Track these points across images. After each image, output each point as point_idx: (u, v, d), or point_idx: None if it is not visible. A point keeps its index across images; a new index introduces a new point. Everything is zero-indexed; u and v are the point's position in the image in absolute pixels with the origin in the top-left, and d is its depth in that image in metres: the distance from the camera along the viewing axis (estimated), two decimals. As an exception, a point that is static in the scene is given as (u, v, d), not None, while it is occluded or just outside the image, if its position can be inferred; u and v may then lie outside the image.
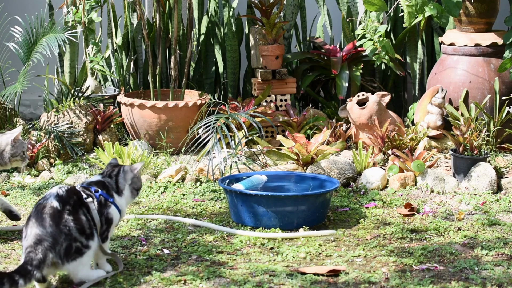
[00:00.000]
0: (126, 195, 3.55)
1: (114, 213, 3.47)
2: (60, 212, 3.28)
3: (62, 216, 3.27)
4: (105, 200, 3.45)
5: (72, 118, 5.49)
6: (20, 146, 3.92)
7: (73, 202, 3.33)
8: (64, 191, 3.35)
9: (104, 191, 3.47)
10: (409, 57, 6.24)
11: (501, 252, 3.73)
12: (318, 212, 4.12)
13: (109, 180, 3.54)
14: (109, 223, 3.45)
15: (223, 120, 4.98)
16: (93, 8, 5.96)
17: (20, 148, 3.92)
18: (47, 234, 3.23)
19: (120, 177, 3.55)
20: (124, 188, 3.55)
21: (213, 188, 4.77)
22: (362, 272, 3.50)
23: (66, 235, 3.25)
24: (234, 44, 6.17)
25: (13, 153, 3.89)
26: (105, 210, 3.43)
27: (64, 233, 3.25)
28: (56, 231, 3.24)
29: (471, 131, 4.87)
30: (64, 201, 3.31)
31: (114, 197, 3.50)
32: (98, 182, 3.51)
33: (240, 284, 3.36)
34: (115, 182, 3.54)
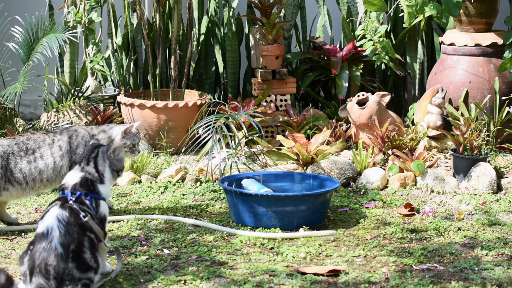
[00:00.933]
0: (107, 177, 3.48)
1: (104, 208, 3.43)
2: (65, 261, 3.20)
3: (66, 267, 3.19)
4: (95, 200, 3.40)
5: (72, 118, 5.49)
6: (131, 138, 4.13)
7: (76, 237, 3.25)
8: (65, 230, 3.24)
9: (91, 189, 3.41)
10: (409, 57, 6.24)
11: (501, 252, 3.73)
12: (318, 212, 4.12)
13: (89, 169, 3.45)
14: (103, 220, 3.42)
15: (223, 120, 4.98)
16: (93, 8, 5.96)
17: (130, 140, 4.12)
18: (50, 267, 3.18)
19: (99, 159, 3.48)
20: (104, 171, 3.47)
21: (213, 188, 4.77)
22: (362, 272, 3.50)
23: (70, 280, 3.19)
24: (234, 44, 6.17)
25: (122, 144, 4.06)
26: (98, 212, 3.39)
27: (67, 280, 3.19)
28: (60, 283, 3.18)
29: (471, 131, 4.87)
30: (68, 244, 3.22)
31: (100, 190, 3.43)
32: (82, 182, 3.42)
33: (240, 284, 3.36)
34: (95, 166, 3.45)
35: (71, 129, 4.19)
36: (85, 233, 3.28)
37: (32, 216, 4.32)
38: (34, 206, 4.48)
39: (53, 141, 4.11)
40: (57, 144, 4.11)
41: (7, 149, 4.03)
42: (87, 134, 4.18)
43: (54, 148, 4.09)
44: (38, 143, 4.09)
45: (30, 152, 4.06)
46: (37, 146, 4.08)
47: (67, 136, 4.14)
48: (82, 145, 4.14)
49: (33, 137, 4.11)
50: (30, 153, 4.06)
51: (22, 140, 4.08)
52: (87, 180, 3.43)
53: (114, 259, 3.62)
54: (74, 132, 4.17)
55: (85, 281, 3.21)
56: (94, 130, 4.22)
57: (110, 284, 3.36)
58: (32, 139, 4.10)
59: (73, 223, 3.27)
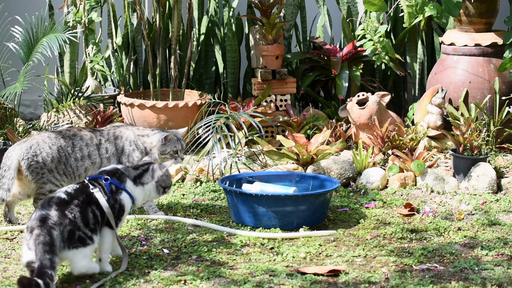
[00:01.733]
0: (147, 188, 3.61)
1: (125, 200, 3.52)
2: (67, 202, 3.36)
3: (68, 205, 3.35)
4: (116, 187, 3.50)
5: (72, 118, 5.49)
6: (171, 145, 4.13)
7: (82, 199, 3.39)
8: (73, 190, 3.42)
9: (115, 178, 3.52)
10: (409, 57, 6.24)
11: (501, 252, 3.73)
12: (318, 212, 4.12)
13: (130, 170, 3.60)
14: (121, 209, 3.50)
15: (223, 120, 4.98)
16: (93, 8, 5.96)
17: (170, 147, 4.12)
18: (51, 215, 3.29)
19: (147, 174, 3.62)
20: (147, 183, 3.61)
21: (213, 188, 4.77)
22: (362, 272, 3.50)
23: (70, 221, 3.31)
24: (234, 44, 6.17)
25: (162, 150, 4.10)
26: (117, 196, 3.49)
27: (69, 218, 3.32)
28: (61, 214, 3.30)
29: (471, 131, 4.87)
30: (72, 197, 3.39)
31: (127, 184, 3.54)
32: (110, 170, 3.57)
33: (240, 284, 3.36)
34: (139, 175, 3.60)
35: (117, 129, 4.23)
36: (91, 205, 3.40)
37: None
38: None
39: (100, 142, 4.17)
40: (104, 146, 4.17)
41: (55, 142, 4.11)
42: (132, 135, 4.22)
43: (101, 150, 4.15)
44: (85, 141, 4.15)
45: (77, 149, 4.13)
46: (85, 144, 4.15)
47: (113, 137, 4.19)
48: (127, 145, 4.19)
49: (80, 134, 4.17)
50: (77, 150, 4.13)
51: (69, 135, 4.15)
52: (117, 170, 3.57)
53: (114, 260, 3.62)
54: (120, 133, 4.21)
55: (81, 234, 3.33)
56: (140, 131, 4.25)
57: (110, 284, 3.36)
58: (78, 136, 4.16)
59: (80, 191, 3.42)
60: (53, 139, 4.10)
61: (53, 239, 3.24)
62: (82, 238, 3.33)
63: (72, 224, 3.31)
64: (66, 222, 3.29)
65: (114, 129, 4.22)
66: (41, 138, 4.09)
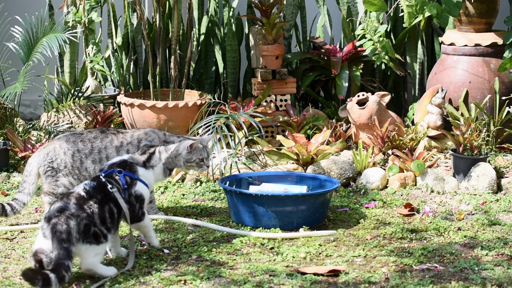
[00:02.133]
0: (156, 171, 3.72)
1: (141, 188, 3.61)
2: (86, 199, 3.42)
3: (87, 201, 3.41)
4: (131, 179, 3.58)
5: (72, 118, 5.49)
6: (197, 153, 4.04)
7: (100, 197, 3.45)
8: (91, 187, 3.47)
9: (127, 169, 3.60)
10: (409, 57, 6.24)
11: (501, 252, 3.73)
12: (318, 212, 4.12)
13: (137, 157, 3.69)
14: (140, 199, 3.59)
15: (223, 120, 4.98)
16: (93, 8, 5.96)
17: (196, 155, 4.02)
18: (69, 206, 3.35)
19: (155, 156, 3.73)
20: (156, 166, 3.72)
21: (213, 188, 4.77)
22: (362, 272, 3.50)
23: (88, 215, 3.37)
24: (234, 44, 6.17)
25: (188, 158, 4.00)
26: (133, 189, 3.57)
27: (86, 212, 3.37)
28: (79, 207, 3.36)
29: (471, 131, 4.87)
30: (91, 195, 3.45)
31: (138, 172, 3.63)
32: (119, 162, 3.63)
33: (240, 284, 3.36)
34: (148, 159, 3.70)
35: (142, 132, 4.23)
36: (108, 202, 3.47)
37: (32, 216, 4.32)
38: (34, 206, 4.48)
39: (121, 144, 4.17)
40: (126, 148, 4.17)
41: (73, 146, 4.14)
42: (158, 140, 4.21)
43: (121, 152, 4.16)
44: (105, 143, 4.16)
45: (95, 152, 4.15)
46: (104, 146, 4.15)
47: (137, 140, 4.19)
48: None
49: (100, 136, 4.19)
50: (95, 153, 4.15)
51: (89, 138, 4.17)
52: (126, 161, 3.65)
53: (114, 260, 3.62)
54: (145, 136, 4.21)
55: (97, 231, 3.38)
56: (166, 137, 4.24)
57: (110, 284, 3.36)
58: (99, 138, 4.18)
59: (98, 189, 3.48)
60: (70, 144, 4.14)
61: (70, 228, 3.29)
62: (97, 234, 3.37)
63: (89, 218, 3.36)
64: (83, 216, 3.35)
65: (140, 132, 4.22)
66: (58, 144, 4.14)
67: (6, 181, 4.93)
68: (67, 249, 3.24)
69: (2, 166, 5.08)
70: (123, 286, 3.34)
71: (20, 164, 5.14)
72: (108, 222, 3.43)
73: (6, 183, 4.90)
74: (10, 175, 5.01)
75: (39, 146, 5.17)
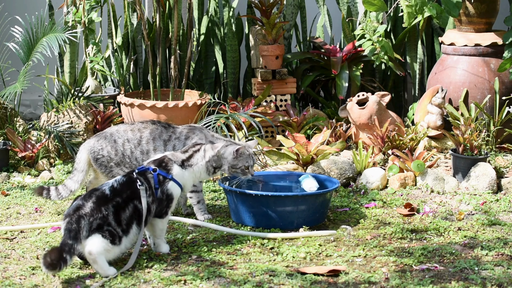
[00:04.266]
0: (196, 169, 3.74)
1: (173, 188, 3.64)
2: (108, 199, 3.46)
3: (107, 202, 3.45)
4: (163, 177, 3.61)
5: (72, 118, 5.49)
6: (243, 160, 4.02)
7: (125, 196, 3.49)
8: (119, 184, 3.52)
9: (162, 167, 3.63)
10: (409, 57, 6.24)
11: (501, 252, 3.73)
12: (318, 212, 4.12)
13: (178, 155, 3.71)
14: (169, 198, 3.63)
15: (223, 120, 4.98)
16: (93, 8, 5.96)
17: (242, 162, 4.01)
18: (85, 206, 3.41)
19: (198, 154, 3.75)
20: (196, 164, 3.73)
21: (213, 188, 4.77)
22: (362, 272, 3.50)
23: (103, 216, 3.41)
24: (234, 44, 6.17)
25: (233, 164, 4.01)
26: (164, 187, 3.61)
27: (102, 214, 3.41)
28: (95, 208, 3.40)
29: (471, 131, 4.87)
30: (116, 193, 3.49)
31: (173, 171, 3.65)
32: (159, 158, 3.68)
33: (240, 284, 3.36)
34: (188, 157, 3.72)
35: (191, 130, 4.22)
36: (133, 200, 3.51)
37: (32, 216, 4.32)
38: (34, 206, 4.48)
39: (169, 138, 4.19)
40: (173, 143, 4.19)
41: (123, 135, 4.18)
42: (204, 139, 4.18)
43: (168, 146, 4.17)
44: (153, 134, 4.19)
45: (144, 142, 4.18)
46: (152, 138, 4.18)
47: (184, 137, 4.19)
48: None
49: (151, 127, 4.21)
50: (144, 144, 4.18)
51: (139, 128, 4.20)
52: (165, 157, 3.68)
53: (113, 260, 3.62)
54: (192, 134, 4.20)
55: (112, 230, 3.43)
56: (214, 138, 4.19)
57: (110, 284, 3.36)
58: (149, 129, 4.20)
59: (127, 186, 3.52)
60: (121, 132, 4.18)
61: (79, 227, 3.37)
62: (112, 233, 3.42)
63: (103, 219, 3.41)
64: (97, 216, 3.40)
65: (188, 129, 4.21)
66: (110, 131, 4.19)
67: (6, 181, 4.93)
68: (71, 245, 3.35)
69: (2, 166, 5.08)
70: (123, 286, 3.34)
71: (20, 164, 5.14)
72: (124, 224, 3.46)
73: (6, 183, 4.90)
74: (10, 175, 5.01)
75: (39, 146, 5.17)
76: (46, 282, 3.39)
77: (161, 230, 3.68)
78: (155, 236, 3.70)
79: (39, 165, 5.14)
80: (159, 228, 3.68)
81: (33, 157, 5.15)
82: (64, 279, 3.41)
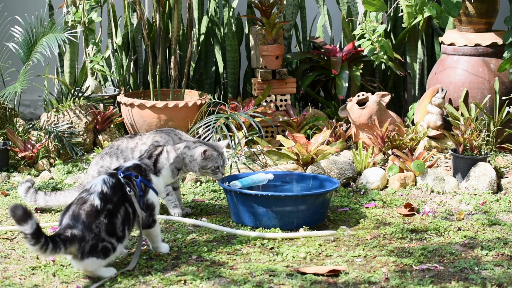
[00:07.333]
0: (164, 174, 3.65)
1: (153, 197, 3.56)
2: (98, 212, 3.34)
3: (98, 217, 3.34)
4: (145, 186, 3.53)
5: (72, 118, 5.49)
6: (213, 160, 4.08)
7: (116, 200, 3.41)
8: (110, 187, 3.41)
9: (143, 175, 3.55)
10: (409, 57, 6.24)
11: (501, 252, 3.73)
12: (318, 212, 4.12)
13: (147, 162, 3.61)
14: (151, 208, 3.55)
15: (223, 120, 4.98)
16: (93, 8, 5.96)
17: (212, 163, 4.07)
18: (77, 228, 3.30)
19: (162, 157, 3.64)
20: (163, 167, 3.63)
21: (213, 188, 4.77)
22: (362, 272, 3.50)
23: (95, 235, 3.32)
24: (234, 44, 6.17)
25: (203, 165, 4.06)
26: (146, 197, 3.53)
27: (94, 233, 3.32)
28: (87, 230, 3.30)
29: (471, 131, 4.87)
30: (107, 200, 3.38)
31: (152, 179, 3.58)
32: (135, 166, 3.57)
33: (240, 284, 3.36)
34: (154, 162, 3.62)
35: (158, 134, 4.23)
36: (124, 203, 3.42)
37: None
38: (34, 206, 4.47)
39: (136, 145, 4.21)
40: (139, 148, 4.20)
41: None
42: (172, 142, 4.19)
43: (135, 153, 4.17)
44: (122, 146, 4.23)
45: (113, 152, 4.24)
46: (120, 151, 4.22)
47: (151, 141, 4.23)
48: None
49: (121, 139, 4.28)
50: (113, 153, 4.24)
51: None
52: (139, 166, 3.58)
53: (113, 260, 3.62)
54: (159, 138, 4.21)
55: (106, 244, 3.34)
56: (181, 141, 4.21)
57: (110, 284, 3.36)
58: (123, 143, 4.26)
59: (117, 189, 3.42)
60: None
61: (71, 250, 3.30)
62: (107, 249, 3.36)
63: (96, 238, 3.32)
64: (90, 237, 3.31)
65: (154, 134, 4.22)
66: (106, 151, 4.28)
67: (6, 181, 4.93)
68: None
69: (2, 166, 5.08)
70: (123, 286, 3.34)
71: (20, 164, 5.14)
72: (119, 231, 3.39)
73: (6, 183, 4.90)
74: (10, 175, 5.01)
75: (39, 146, 5.17)
76: (46, 282, 3.39)
77: (155, 236, 3.65)
78: (152, 242, 3.69)
79: (39, 165, 5.14)
80: (153, 235, 3.64)
81: (33, 157, 5.15)
82: (64, 279, 3.41)
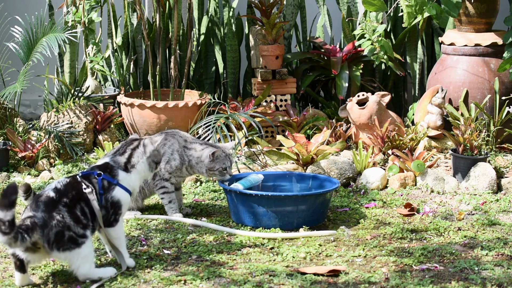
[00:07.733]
0: (139, 169, 3.51)
1: (119, 194, 3.44)
2: (55, 201, 3.31)
3: (56, 205, 3.30)
4: (108, 183, 3.43)
5: (72, 118, 5.49)
6: (220, 162, 4.09)
7: (71, 196, 3.34)
8: (63, 185, 3.36)
9: (107, 173, 3.44)
10: (409, 57, 6.24)
11: (501, 252, 3.73)
12: (318, 212, 4.12)
13: (118, 158, 3.49)
14: (116, 206, 3.43)
15: (223, 120, 4.98)
16: (93, 8, 5.96)
17: (219, 164, 4.09)
18: (37, 216, 3.26)
19: (137, 151, 3.52)
20: (138, 162, 3.51)
21: (213, 188, 4.77)
22: (362, 272, 3.50)
23: (58, 221, 3.27)
24: (234, 44, 6.17)
25: (210, 167, 4.08)
26: (109, 194, 3.42)
27: (56, 219, 3.27)
28: (48, 216, 3.26)
29: (471, 131, 4.87)
30: (61, 194, 3.33)
31: (119, 176, 3.45)
32: (102, 164, 3.48)
33: (240, 284, 3.36)
34: (128, 157, 3.50)
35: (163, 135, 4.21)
36: (80, 202, 3.35)
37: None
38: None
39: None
40: None
41: None
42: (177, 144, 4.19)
43: None
44: None
45: None
46: None
47: None
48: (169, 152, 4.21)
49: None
50: None
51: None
52: (108, 164, 3.48)
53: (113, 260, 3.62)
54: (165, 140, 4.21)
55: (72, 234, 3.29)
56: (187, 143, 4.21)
57: (110, 284, 3.36)
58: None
59: (71, 187, 3.35)
60: None
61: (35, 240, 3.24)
62: (73, 238, 3.29)
63: (60, 225, 3.27)
64: (52, 224, 3.26)
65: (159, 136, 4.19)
66: None
67: (6, 181, 4.93)
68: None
69: (2, 166, 5.08)
70: (123, 286, 3.34)
71: (20, 164, 5.14)
72: (82, 219, 3.32)
73: (6, 183, 4.90)
74: (10, 175, 5.02)
75: (39, 146, 5.17)
76: (46, 282, 3.39)
77: (116, 239, 3.47)
78: (115, 249, 3.49)
79: (39, 165, 5.14)
80: (112, 237, 3.46)
81: (33, 157, 5.15)
82: (64, 279, 3.41)
